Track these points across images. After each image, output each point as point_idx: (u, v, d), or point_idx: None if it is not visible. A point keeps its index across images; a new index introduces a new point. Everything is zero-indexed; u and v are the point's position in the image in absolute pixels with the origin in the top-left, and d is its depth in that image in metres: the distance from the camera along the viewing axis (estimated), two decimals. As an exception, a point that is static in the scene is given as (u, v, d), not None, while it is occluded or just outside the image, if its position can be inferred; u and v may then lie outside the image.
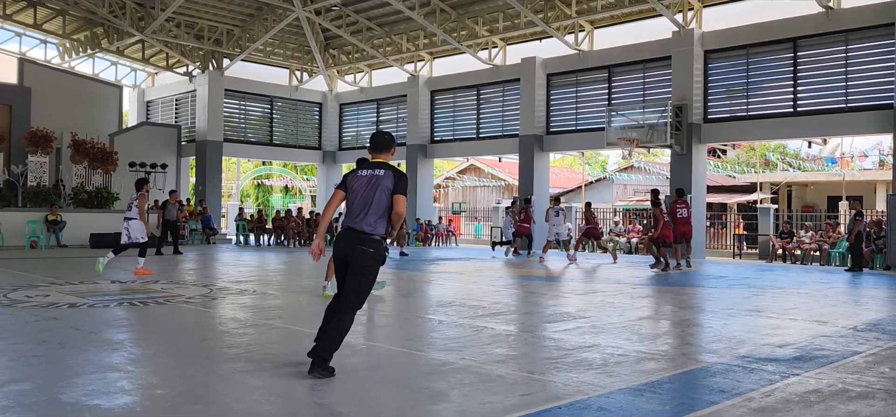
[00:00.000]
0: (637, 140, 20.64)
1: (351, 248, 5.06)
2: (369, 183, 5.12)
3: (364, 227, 5.04)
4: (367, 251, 5.03)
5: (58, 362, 5.45)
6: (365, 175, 5.18)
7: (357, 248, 5.04)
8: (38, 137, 22.36)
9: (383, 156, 5.37)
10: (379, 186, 5.09)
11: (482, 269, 15.37)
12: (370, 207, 5.06)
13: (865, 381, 5.23)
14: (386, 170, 5.16)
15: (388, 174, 5.14)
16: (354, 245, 5.04)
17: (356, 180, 5.19)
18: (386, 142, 5.40)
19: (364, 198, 5.09)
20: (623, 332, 7.23)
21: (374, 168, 5.21)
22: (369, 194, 5.08)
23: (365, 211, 5.06)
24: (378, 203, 5.06)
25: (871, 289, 12.16)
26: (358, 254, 5.04)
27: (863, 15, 17.78)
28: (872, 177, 31.33)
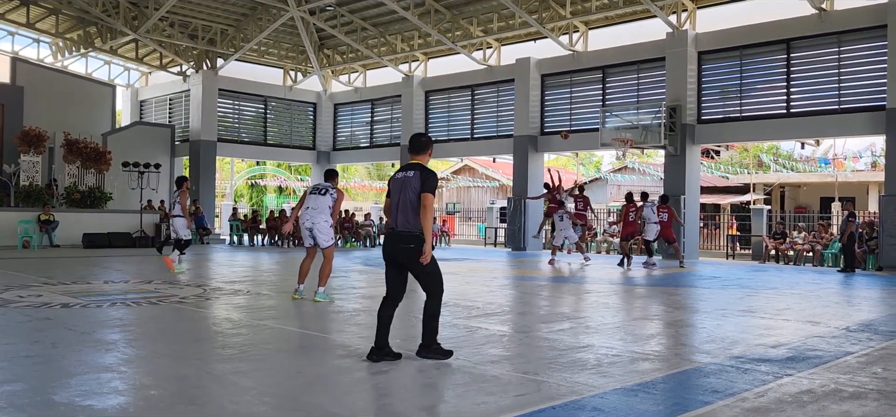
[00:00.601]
0: (631, 141, 20.68)
1: (395, 249, 5.48)
2: (402, 185, 5.50)
3: (400, 227, 5.44)
4: (408, 247, 5.40)
5: (51, 362, 5.43)
6: (399, 177, 5.58)
7: (399, 248, 5.45)
8: (31, 137, 22.27)
9: (420, 157, 5.68)
10: (408, 187, 5.45)
11: (478, 270, 15.37)
12: (403, 208, 5.43)
13: (858, 381, 5.26)
14: (415, 171, 5.48)
15: (417, 174, 5.45)
16: (397, 245, 5.46)
17: (393, 184, 5.62)
18: (422, 144, 5.74)
19: (397, 200, 5.48)
20: (617, 332, 7.24)
21: (408, 170, 5.56)
22: (402, 196, 5.45)
23: (399, 212, 5.45)
24: (409, 203, 5.39)
25: (863, 290, 12.22)
26: (402, 254, 5.45)
27: (855, 17, 17.86)
28: (865, 178, 31.48)
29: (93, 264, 14.72)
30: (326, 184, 9.48)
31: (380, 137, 29.69)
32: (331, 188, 9.37)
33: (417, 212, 5.38)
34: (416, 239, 5.37)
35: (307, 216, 9.25)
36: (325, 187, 9.40)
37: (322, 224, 9.18)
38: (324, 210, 9.23)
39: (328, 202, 9.27)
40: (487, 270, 15.35)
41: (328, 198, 9.28)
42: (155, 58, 28.70)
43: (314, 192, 9.42)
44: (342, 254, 20.12)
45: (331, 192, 9.32)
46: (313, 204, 9.27)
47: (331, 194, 9.32)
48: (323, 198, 9.27)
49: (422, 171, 5.47)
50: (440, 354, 5.58)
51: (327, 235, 9.25)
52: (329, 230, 9.27)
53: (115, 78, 30.29)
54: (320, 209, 9.22)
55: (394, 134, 28.83)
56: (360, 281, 12.45)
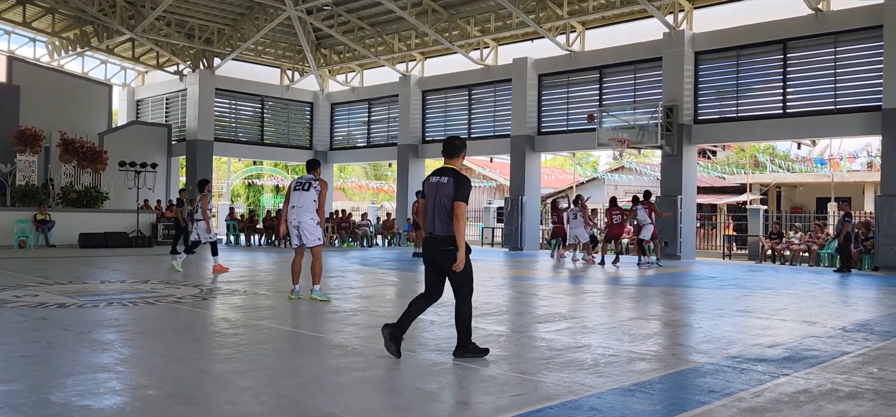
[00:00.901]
0: (628, 141, 20.70)
1: (433, 253, 5.68)
2: (436, 190, 5.64)
3: (437, 231, 5.61)
4: (446, 250, 5.55)
5: (47, 362, 5.41)
6: (434, 182, 5.72)
7: (437, 251, 5.62)
8: (27, 136, 22.22)
9: (453, 161, 5.79)
10: (442, 192, 5.58)
11: (474, 269, 15.36)
12: (438, 212, 5.59)
13: (854, 381, 5.27)
14: (449, 177, 5.61)
15: (451, 181, 5.58)
16: (434, 248, 5.64)
17: (428, 187, 5.77)
18: (455, 147, 5.83)
19: (432, 205, 5.64)
20: (614, 332, 7.25)
21: (441, 175, 5.69)
22: (436, 200, 5.61)
23: (435, 217, 5.62)
24: (444, 208, 5.56)
25: (859, 290, 12.25)
26: (440, 256, 5.62)
27: (852, 17, 17.90)
28: (861, 178, 31.56)
29: (89, 264, 14.70)
30: (309, 176, 9.22)
31: (377, 137, 29.68)
32: (313, 181, 9.11)
33: (450, 217, 5.51)
34: (453, 242, 5.52)
35: (293, 214, 9.06)
36: (308, 180, 9.15)
37: (308, 221, 8.99)
38: (309, 207, 9.01)
39: (313, 197, 9.03)
40: (484, 270, 15.35)
41: (312, 193, 9.04)
42: (151, 57, 28.65)
43: (298, 188, 9.16)
44: (339, 254, 20.10)
45: (314, 186, 9.07)
46: (297, 201, 9.06)
47: (314, 188, 9.07)
48: (307, 194, 9.04)
49: (455, 178, 5.58)
50: (477, 353, 5.72)
51: (314, 234, 9.05)
52: (316, 228, 9.06)
53: (111, 77, 30.23)
54: (305, 207, 9.01)
55: (391, 133, 28.82)
56: (356, 280, 12.45)
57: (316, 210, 9.04)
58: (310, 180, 9.13)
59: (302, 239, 9.05)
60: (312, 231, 9.02)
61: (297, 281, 9.33)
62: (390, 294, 10.92)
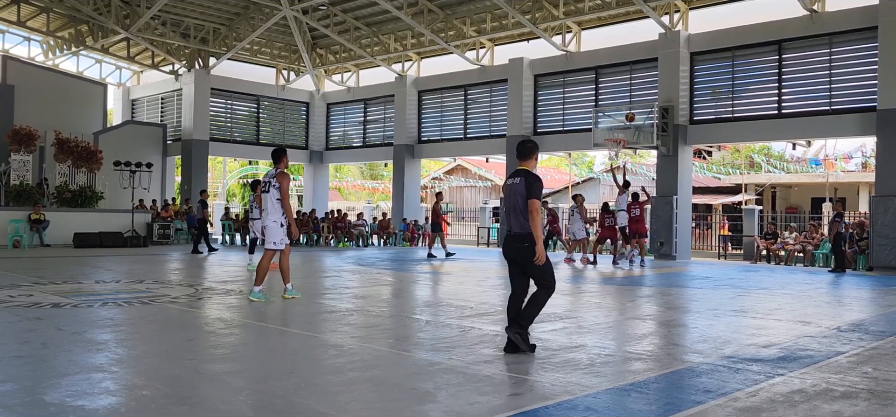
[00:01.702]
0: (624, 141, 20.73)
1: (512, 250, 6.02)
2: (511, 191, 6.02)
3: (515, 229, 5.98)
4: (523, 246, 5.89)
5: (41, 362, 5.40)
6: (509, 184, 6.12)
7: (515, 247, 5.97)
8: (22, 135, 22.15)
9: (526, 163, 6.15)
10: (516, 193, 5.96)
11: (471, 269, 15.38)
12: (515, 212, 5.97)
13: (849, 381, 5.28)
14: (521, 178, 5.99)
15: (523, 181, 5.96)
16: (513, 245, 5.99)
17: (505, 190, 6.16)
18: (527, 149, 6.21)
19: (508, 205, 6.04)
20: (609, 332, 7.26)
21: (515, 177, 6.08)
22: (511, 201, 5.99)
23: (511, 217, 6.02)
24: (519, 208, 5.93)
25: (853, 290, 12.28)
26: (518, 253, 5.96)
27: (847, 18, 17.95)
28: (855, 178, 31.67)
29: (84, 264, 14.65)
30: (269, 174, 9.07)
31: (373, 137, 29.66)
32: (273, 181, 8.90)
33: (527, 215, 5.86)
34: (529, 239, 5.85)
35: (262, 217, 9.08)
36: (268, 181, 8.99)
37: (270, 224, 8.89)
38: (272, 209, 8.88)
39: (274, 197, 8.87)
40: (480, 270, 15.36)
41: (273, 193, 8.87)
42: (147, 56, 28.59)
43: (263, 191, 9.06)
44: (335, 254, 20.09)
45: (274, 186, 8.88)
46: (264, 204, 9.01)
47: (274, 187, 8.88)
48: (268, 196, 8.92)
49: (526, 178, 5.96)
50: (526, 344, 5.98)
51: (275, 236, 8.91)
52: (278, 231, 8.89)
53: (106, 77, 30.16)
54: (270, 209, 8.90)
55: (387, 133, 28.81)
56: (352, 280, 12.44)
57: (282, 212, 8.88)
58: (269, 180, 8.96)
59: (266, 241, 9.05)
60: (273, 232, 8.90)
61: (288, 280, 9.30)
62: (386, 294, 10.92)
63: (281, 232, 8.92)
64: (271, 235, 8.92)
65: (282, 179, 8.87)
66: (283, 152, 9.10)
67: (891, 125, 16.81)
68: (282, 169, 8.96)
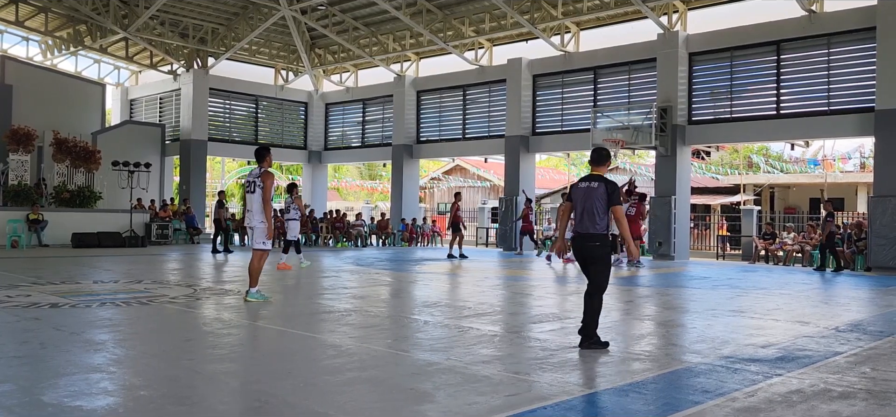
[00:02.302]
0: (622, 141, 20.73)
1: (583, 247, 6.33)
2: (586, 194, 6.31)
3: (588, 229, 6.25)
4: (594, 245, 6.26)
5: (40, 363, 5.39)
6: (583, 187, 6.38)
7: (587, 246, 6.30)
8: (20, 135, 22.11)
9: (600, 169, 6.52)
10: (594, 196, 6.25)
11: (469, 270, 15.38)
12: (589, 213, 6.24)
13: (847, 381, 5.29)
14: (599, 183, 6.31)
15: (601, 186, 6.29)
16: (585, 243, 6.31)
17: (577, 192, 6.43)
18: (603, 156, 6.59)
19: (583, 207, 6.30)
20: (608, 333, 7.26)
21: (591, 181, 6.37)
22: (587, 203, 6.26)
23: (584, 218, 6.28)
24: (595, 210, 6.23)
25: (851, 290, 12.29)
26: (589, 251, 6.31)
27: (845, 18, 17.97)
28: (854, 179, 31.68)
29: (82, 264, 14.64)
30: (254, 173, 8.89)
31: (371, 137, 29.65)
32: (257, 180, 8.77)
33: (600, 217, 6.23)
34: (601, 239, 6.26)
35: (248, 217, 8.98)
36: (252, 181, 8.85)
37: (257, 224, 8.79)
38: (258, 209, 8.76)
39: (259, 197, 8.74)
40: (478, 270, 15.36)
41: (258, 194, 8.74)
42: (145, 56, 28.57)
43: (247, 191, 8.97)
44: (333, 254, 20.08)
45: (258, 185, 8.75)
46: (248, 204, 8.93)
47: (258, 186, 8.75)
48: (254, 196, 8.80)
49: (606, 184, 6.30)
50: (600, 345, 6.21)
51: (261, 236, 8.81)
52: (264, 232, 8.78)
53: (104, 76, 30.14)
54: (255, 210, 8.79)
55: (385, 134, 28.80)
56: (351, 281, 12.43)
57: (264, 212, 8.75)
58: (254, 180, 8.82)
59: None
60: (260, 233, 8.81)
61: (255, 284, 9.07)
62: (384, 294, 10.91)
63: (265, 235, 8.82)
64: (260, 236, 8.82)
65: (266, 178, 8.75)
66: (266, 151, 8.95)
67: (889, 125, 16.83)
68: (266, 168, 8.83)
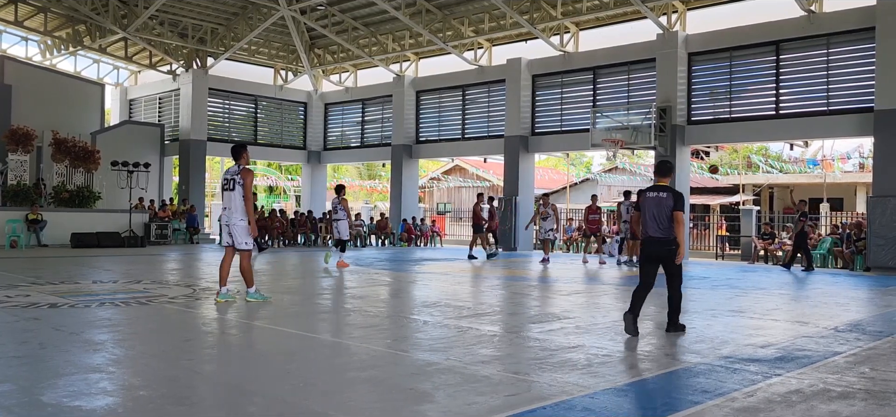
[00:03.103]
0: (621, 141, 20.74)
1: (656, 251, 7.08)
2: (656, 203, 7.07)
3: (659, 234, 7.03)
4: (669, 249, 7.02)
5: (39, 363, 5.39)
6: (652, 196, 7.12)
7: (661, 249, 7.05)
8: (19, 135, 22.10)
9: (665, 179, 7.29)
10: (663, 205, 7.02)
11: (468, 270, 15.38)
12: (658, 220, 7.02)
13: (846, 381, 5.29)
14: (668, 193, 7.09)
15: (670, 196, 7.06)
16: (658, 248, 7.06)
17: (646, 201, 7.15)
18: (668, 168, 7.43)
19: (653, 215, 7.05)
20: (607, 333, 7.26)
21: (659, 191, 7.12)
22: (657, 211, 7.03)
23: (656, 224, 7.04)
24: (665, 217, 7.00)
25: (851, 290, 12.30)
26: (663, 253, 7.06)
27: (844, 19, 17.98)
28: (853, 179, 31.70)
29: (81, 264, 14.63)
30: (232, 171, 8.65)
31: (370, 137, 29.65)
32: (236, 177, 8.53)
33: (669, 223, 6.98)
34: (673, 243, 7.01)
35: (224, 214, 8.69)
36: (231, 178, 8.59)
37: (237, 223, 8.56)
38: (237, 207, 8.53)
39: (239, 195, 8.51)
40: (478, 270, 15.36)
41: (238, 191, 8.51)
42: (144, 56, 28.56)
43: (224, 188, 8.67)
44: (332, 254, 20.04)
45: (238, 183, 8.51)
46: (226, 202, 8.63)
47: (238, 183, 8.51)
48: (233, 194, 8.53)
49: (673, 193, 7.09)
50: (681, 329, 7.25)
51: (244, 237, 8.59)
52: (246, 231, 8.58)
53: (104, 76, 30.13)
54: (233, 208, 8.55)
55: (385, 134, 28.80)
56: (350, 280, 12.43)
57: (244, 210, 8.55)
58: (233, 177, 8.57)
59: (233, 240, 8.66)
60: (242, 234, 8.59)
61: (225, 283, 8.93)
62: (384, 294, 10.91)
63: (248, 234, 8.64)
64: (242, 235, 8.60)
65: (246, 175, 8.54)
66: (243, 147, 8.74)
67: (888, 126, 16.84)
68: (244, 164, 8.62)
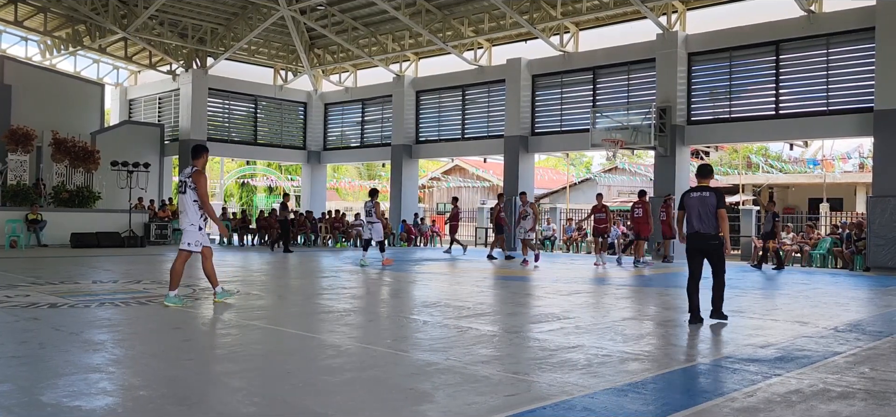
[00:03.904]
0: (621, 141, 20.73)
1: (702, 245, 7.86)
2: (701, 202, 7.83)
3: (704, 230, 7.79)
4: (713, 243, 7.81)
5: (38, 363, 5.39)
6: (696, 196, 7.90)
7: (707, 244, 7.83)
8: (19, 135, 22.10)
9: (707, 180, 8.07)
10: (707, 203, 7.78)
11: (468, 270, 15.38)
12: (705, 217, 7.77)
13: (846, 381, 5.29)
14: (710, 192, 7.85)
15: (712, 195, 7.81)
16: (704, 242, 7.85)
17: (690, 200, 7.95)
18: (709, 171, 8.27)
19: (698, 212, 7.82)
20: (607, 333, 7.26)
21: (703, 191, 7.89)
22: (702, 209, 7.79)
23: (701, 221, 7.79)
24: (709, 214, 7.76)
25: (851, 290, 12.29)
26: (708, 247, 7.84)
27: (844, 19, 17.98)
28: (853, 179, 31.69)
29: (81, 264, 14.63)
30: (185, 173, 8.41)
31: (370, 137, 29.65)
32: (188, 181, 8.29)
33: (713, 220, 7.74)
34: (718, 238, 7.78)
35: (181, 218, 8.48)
36: (183, 180, 8.36)
37: (187, 226, 8.34)
38: (188, 210, 8.29)
39: (191, 198, 8.27)
40: (477, 270, 15.36)
41: (189, 195, 8.26)
42: (144, 56, 28.56)
43: (179, 191, 8.46)
44: (332, 254, 20.07)
45: (189, 186, 8.26)
46: (180, 205, 8.47)
47: (189, 187, 8.26)
48: (184, 197, 8.31)
49: (715, 192, 7.84)
50: (724, 318, 7.96)
51: (190, 238, 8.33)
52: (195, 233, 8.32)
53: (103, 76, 30.13)
54: (185, 210, 8.33)
55: (384, 134, 28.80)
56: (349, 280, 12.43)
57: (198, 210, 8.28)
58: (185, 180, 8.34)
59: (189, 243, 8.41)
60: (191, 234, 8.33)
61: (216, 283, 8.71)
62: (383, 293, 10.91)
63: (196, 235, 8.35)
64: (186, 237, 8.35)
65: (198, 178, 8.29)
66: (202, 149, 8.54)
67: (888, 126, 16.84)
68: (198, 167, 8.37)
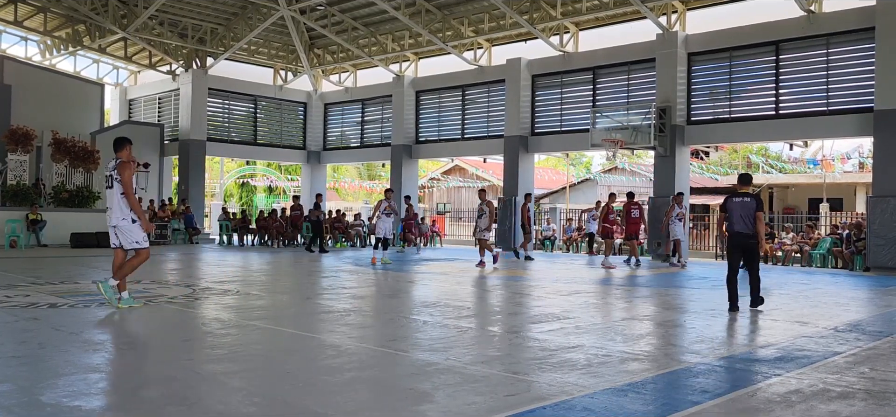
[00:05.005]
0: (621, 141, 20.73)
1: (742, 243, 8.94)
2: (742, 206, 8.93)
3: (745, 230, 8.86)
4: (751, 242, 8.91)
5: (38, 363, 5.39)
6: (738, 201, 8.99)
7: (746, 242, 8.93)
8: (19, 135, 22.09)
9: (747, 187, 9.21)
10: (748, 207, 8.88)
11: (468, 270, 15.37)
12: (745, 220, 8.86)
13: (846, 381, 5.29)
14: (751, 198, 8.96)
15: (753, 200, 8.93)
16: (744, 241, 8.92)
17: (732, 204, 9.01)
18: (749, 178, 9.42)
19: (740, 215, 8.90)
20: (607, 333, 7.26)
21: (744, 196, 9.00)
22: (743, 212, 8.89)
23: (742, 222, 8.87)
24: (749, 217, 8.85)
25: (851, 290, 12.30)
26: (747, 245, 8.94)
27: (844, 19, 17.97)
28: (852, 179, 31.71)
29: (81, 264, 14.63)
30: (110, 166, 7.98)
31: (370, 137, 29.64)
32: (114, 174, 7.83)
33: (752, 222, 8.82)
34: (755, 237, 8.86)
35: (109, 214, 7.98)
36: (109, 175, 7.90)
37: (121, 223, 7.85)
38: (117, 206, 7.81)
39: (119, 192, 7.78)
40: (478, 270, 15.35)
41: (116, 189, 7.79)
42: (144, 56, 28.55)
43: (106, 186, 8.00)
44: (333, 254, 20.07)
45: (115, 179, 7.79)
46: (108, 201, 7.96)
47: (115, 180, 7.79)
48: (112, 192, 7.85)
49: (755, 198, 8.95)
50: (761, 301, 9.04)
51: (133, 236, 7.87)
52: (135, 229, 7.84)
53: (103, 76, 30.11)
54: (115, 207, 7.82)
55: (384, 134, 28.79)
56: (350, 281, 12.43)
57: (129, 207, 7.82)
58: (111, 174, 7.87)
59: (120, 242, 7.97)
60: (130, 232, 7.86)
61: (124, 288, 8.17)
62: (383, 294, 10.91)
63: (140, 231, 7.90)
64: (130, 235, 7.88)
65: (122, 170, 7.79)
66: (125, 141, 8.04)
67: (888, 126, 16.84)
68: (122, 158, 7.90)
